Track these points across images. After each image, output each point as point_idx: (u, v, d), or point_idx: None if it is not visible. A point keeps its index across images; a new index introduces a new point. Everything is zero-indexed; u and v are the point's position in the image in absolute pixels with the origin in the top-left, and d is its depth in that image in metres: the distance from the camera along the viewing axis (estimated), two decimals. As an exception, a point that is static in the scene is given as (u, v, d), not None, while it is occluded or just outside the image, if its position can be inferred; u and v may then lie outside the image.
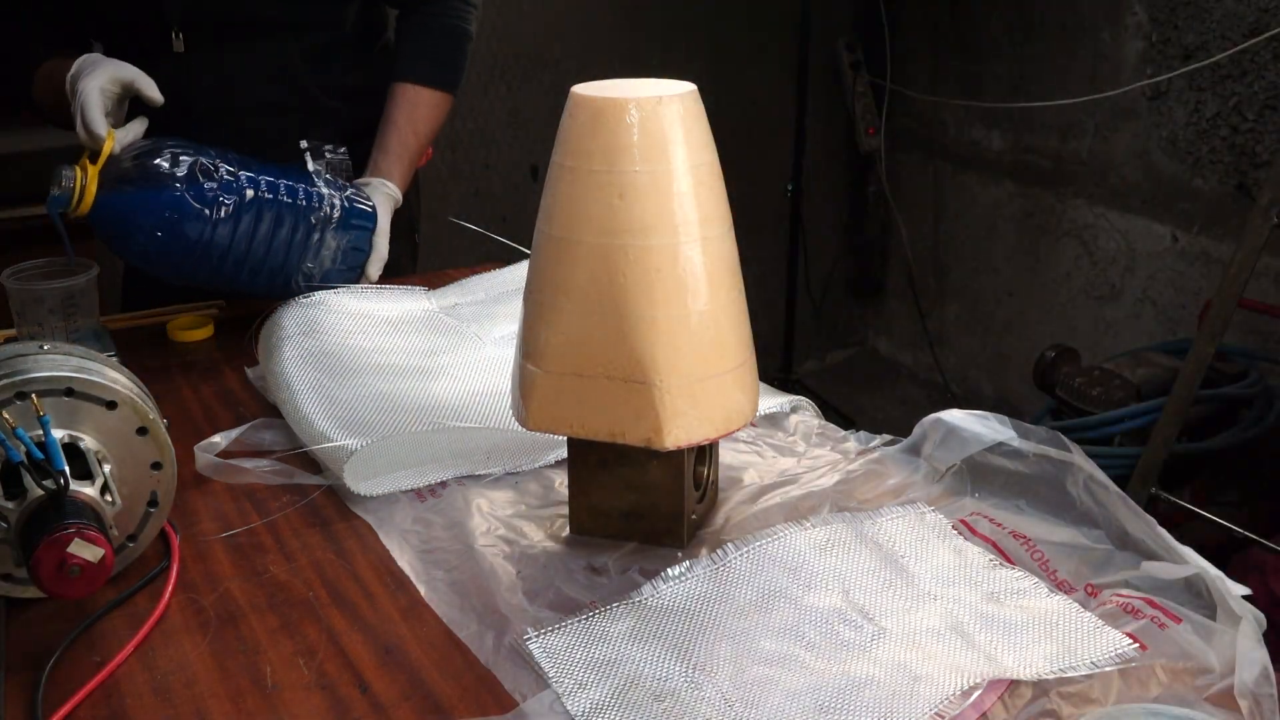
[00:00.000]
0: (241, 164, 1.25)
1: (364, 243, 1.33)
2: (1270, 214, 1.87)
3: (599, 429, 0.87)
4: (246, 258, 1.25)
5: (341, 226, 1.30)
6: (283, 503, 1.01)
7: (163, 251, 1.21)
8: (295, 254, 1.28)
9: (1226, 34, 2.53)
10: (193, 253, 1.22)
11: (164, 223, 1.19)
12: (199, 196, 1.20)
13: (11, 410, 0.81)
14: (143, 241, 1.20)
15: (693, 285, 0.84)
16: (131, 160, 1.20)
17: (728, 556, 0.88)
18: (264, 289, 1.30)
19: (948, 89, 3.32)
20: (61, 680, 0.77)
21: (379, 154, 1.44)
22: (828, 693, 0.74)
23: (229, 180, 1.22)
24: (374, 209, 1.35)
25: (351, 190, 1.34)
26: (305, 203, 1.28)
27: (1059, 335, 3.01)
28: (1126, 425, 2.26)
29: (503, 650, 0.80)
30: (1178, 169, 2.72)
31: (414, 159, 1.48)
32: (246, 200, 1.23)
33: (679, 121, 0.83)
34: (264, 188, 1.25)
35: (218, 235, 1.22)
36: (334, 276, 1.32)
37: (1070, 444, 0.94)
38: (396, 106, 1.47)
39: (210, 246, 1.22)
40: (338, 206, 1.30)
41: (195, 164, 1.21)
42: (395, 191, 1.41)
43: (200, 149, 1.23)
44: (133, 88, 1.24)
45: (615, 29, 3.11)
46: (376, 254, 1.34)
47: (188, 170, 1.20)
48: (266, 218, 1.25)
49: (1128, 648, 0.77)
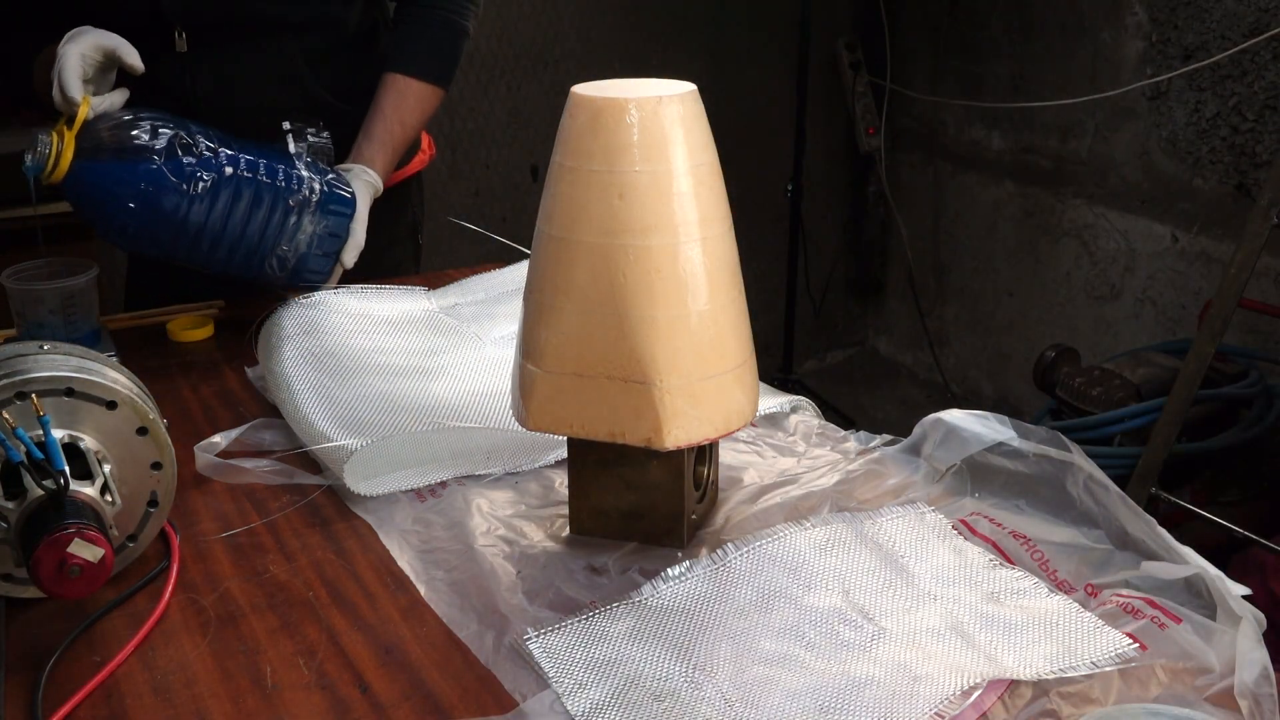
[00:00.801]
0: (222, 141, 1.25)
1: (342, 229, 1.32)
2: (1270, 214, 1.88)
3: (599, 429, 0.87)
4: (222, 236, 1.24)
5: (320, 211, 1.29)
6: (283, 503, 1.01)
7: (138, 225, 1.20)
8: (271, 235, 1.27)
9: (1226, 34, 2.53)
10: (167, 227, 1.21)
11: (140, 195, 1.18)
12: (176, 170, 1.19)
13: (11, 410, 0.81)
14: (118, 214, 1.19)
15: (693, 285, 0.84)
16: (109, 130, 1.19)
17: (728, 556, 0.88)
18: (239, 269, 1.29)
19: (948, 89, 3.32)
20: (61, 680, 0.77)
21: (363, 140, 1.44)
22: (828, 693, 0.74)
23: (208, 156, 1.22)
24: (353, 195, 1.33)
25: (332, 175, 1.33)
26: (284, 184, 1.27)
27: (1059, 335, 3.01)
28: (1126, 425, 2.26)
29: (503, 650, 0.80)
30: (1178, 169, 2.72)
31: (399, 149, 1.48)
32: (225, 177, 1.22)
33: (679, 121, 0.83)
34: (243, 166, 1.24)
35: (193, 211, 1.21)
36: (310, 261, 1.30)
37: (1070, 444, 0.94)
38: (385, 95, 1.46)
39: (185, 222, 1.21)
40: (317, 190, 1.29)
41: (175, 138, 1.20)
42: (376, 180, 1.41)
43: (181, 123, 1.22)
44: (115, 55, 1.23)
45: (615, 29, 3.11)
46: (353, 241, 1.33)
47: (167, 143, 1.19)
48: (244, 196, 1.24)
49: (1128, 648, 0.77)
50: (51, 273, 1.25)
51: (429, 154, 1.67)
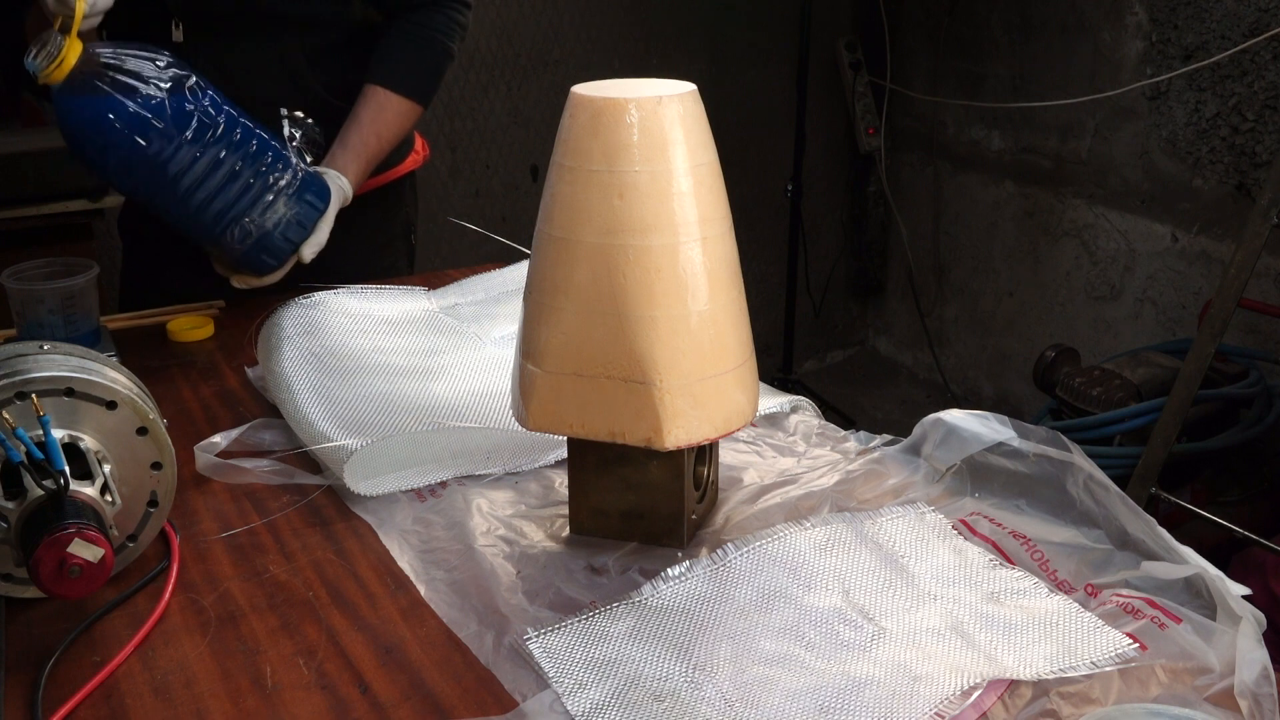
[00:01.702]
0: (225, 102, 1.27)
1: (310, 220, 1.34)
2: (1270, 214, 1.88)
3: (599, 429, 0.87)
4: (197, 189, 1.26)
5: (296, 197, 1.32)
6: (283, 503, 1.01)
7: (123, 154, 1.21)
8: (245, 204, 1.29)
9: (1226, 34, 2.53)
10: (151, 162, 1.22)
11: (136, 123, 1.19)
12: (177, 109, 1.21)
13: (11, 410, 0.81)
14: (106, 136, 1.20)
15: (693, 285, 0.84)
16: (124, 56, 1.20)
17: (728, 556, 0.89)
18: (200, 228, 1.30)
19: (948, 89, 3.32)
20: (61, 680, 0.77)
21: (338, 148, 1.45)
22: (828, 693, 0.74)
23: (209, 109, 1.24)
24: (330, 192, 1.36)
25: (316, 169, 1.36)
26: (270, 159, 1.30)
27: (1059, 335, 3.01)
28: (1126, 425, 2.26)
29: (503, 650, 0.80)
30: (1178, 169, 2.72)
31: (372, 161, 1.49)
32: (219, 132, 1.24)
33: (679, 121, 0.83)
34: (239, 130, 1.27)
35: (179, 155, 1.23)
36: (271, 240, 1.32)
37: (1070, 444, 0.94)
38: (364, 107, 1.48)
39: (169, 161, 1.23)
40: (299, 177, 1.32)
41: (184, 79, 1.22)
42: (347, 187, 1.42)
43: (192, 71, 1.24)
44: None
45: (615, 29, 3.11)
46: (316, 237, 1.35)
47: (173, 82, 1.21)
48: (231, 158, 1.26)
49: (1128, 648, 0.77)
50: (51, 273, 1.25)
51: (423, 154, 1.68)
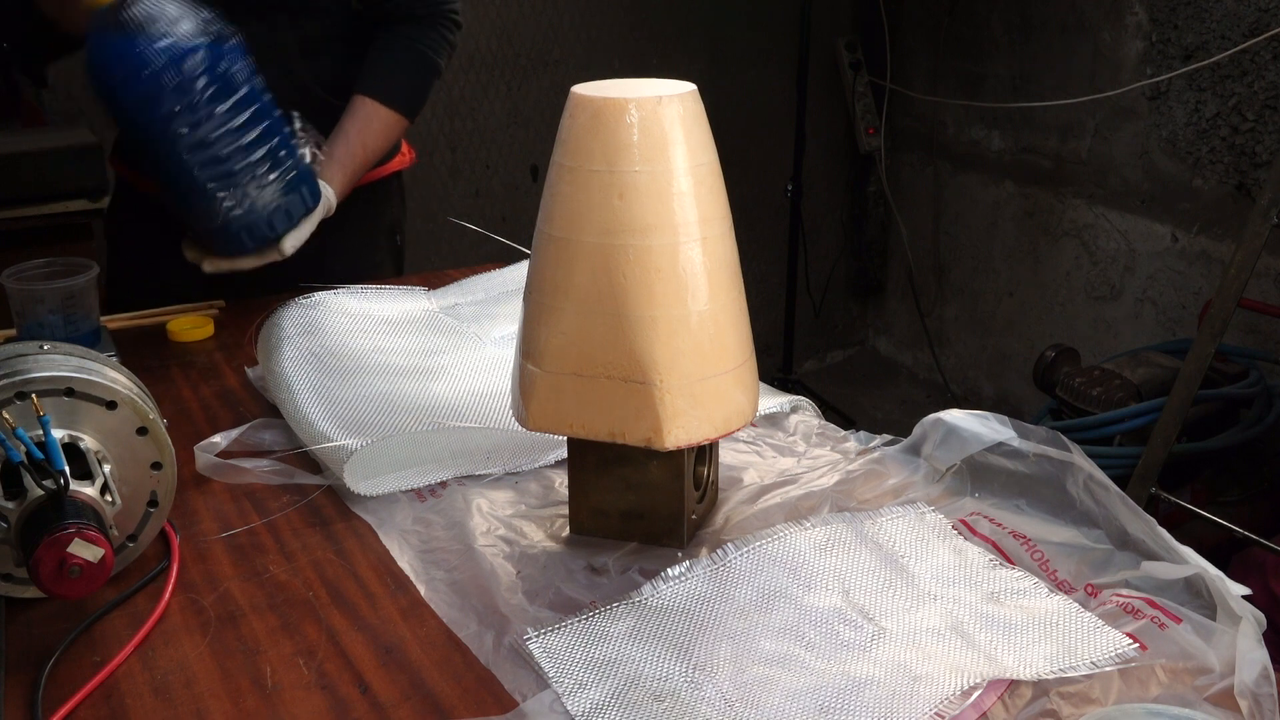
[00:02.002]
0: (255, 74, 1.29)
1: (297, 212, 1.35)
2: (1270, 214, 1.88)
3: (599, 429, 0.87)
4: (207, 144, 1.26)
5: (292, 185, 1.33)
6: (283, 503, 1.01)
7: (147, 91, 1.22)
8: (243, 173, 1.29)
9: (1226, 34, 2.53)
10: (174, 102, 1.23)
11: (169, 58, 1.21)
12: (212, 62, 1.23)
13: (11, 410, 0.81)
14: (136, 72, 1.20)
15: (693, 285, 0.84)
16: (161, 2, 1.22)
17: (728, 556, 0.89)
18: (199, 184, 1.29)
19: (948, 89, 3.32)
20: (61, 680, 0.77)
21: (324, 158, 1.46)
22: (828, 693, 0.74)
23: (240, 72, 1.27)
24: (321, 192, 1.38)
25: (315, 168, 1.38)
26: (279, 141, 1.31)
27: (1059, 335, 3.01)
28: (1126, 425, 2.26)
29: (503, 650, 0.80)
30: (1178, 169, 2.72)
31: (358, 172, 1.50)
32: (243, 96, 1.26)
33: (679, 121, 0.83)
34: (260, 104, 1.29)
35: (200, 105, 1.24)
36: (254, 219, 1.32)
37: (1070, 444, 0.94)
38: (351, 118, 1.48)
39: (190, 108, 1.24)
40: (300, 168, 1.34)
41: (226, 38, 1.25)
42: (332, 197, 1.43)
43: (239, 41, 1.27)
44: None
45: (615, 29, 3.11)
46: (299, 232, 1.36)
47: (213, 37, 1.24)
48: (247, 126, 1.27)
49: (1128, 648, 0.77)
50: (51, 273, 1.25)
51: (409, 157, 1.68)
